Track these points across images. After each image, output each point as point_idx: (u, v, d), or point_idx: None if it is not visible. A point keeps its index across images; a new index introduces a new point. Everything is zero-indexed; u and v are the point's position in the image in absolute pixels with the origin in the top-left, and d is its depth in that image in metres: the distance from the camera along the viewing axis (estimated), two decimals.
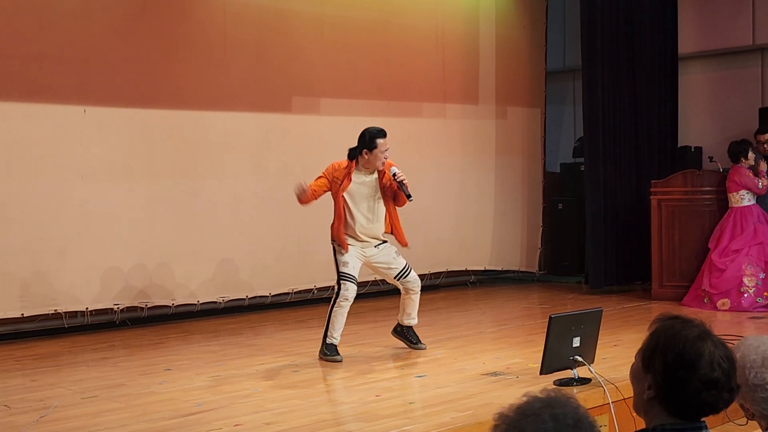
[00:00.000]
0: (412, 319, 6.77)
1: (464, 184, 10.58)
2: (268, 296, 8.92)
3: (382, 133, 6.40)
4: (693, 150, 10.65)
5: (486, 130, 10.78)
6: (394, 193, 6.51)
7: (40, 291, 7.52)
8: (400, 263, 6.61)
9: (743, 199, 8.73)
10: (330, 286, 9.04)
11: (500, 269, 11.02)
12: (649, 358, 2.28)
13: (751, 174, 8.69)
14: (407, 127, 9.88)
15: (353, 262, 6.47)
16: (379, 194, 6.53)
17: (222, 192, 8.58)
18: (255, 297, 8.84)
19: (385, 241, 6.62)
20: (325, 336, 6.45)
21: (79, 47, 7.70)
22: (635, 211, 10.01)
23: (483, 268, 10.87)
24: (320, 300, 9.17)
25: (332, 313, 6.43)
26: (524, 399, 1.87)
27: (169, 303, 8.27)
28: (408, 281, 6.63)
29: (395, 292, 9.77)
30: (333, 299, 6.47)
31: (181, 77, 8.31)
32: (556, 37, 11.64)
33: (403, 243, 6.63)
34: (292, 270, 9.05)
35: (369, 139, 6.37)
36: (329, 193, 6.59)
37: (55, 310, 7.61)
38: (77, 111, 7.70)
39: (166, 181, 8.24)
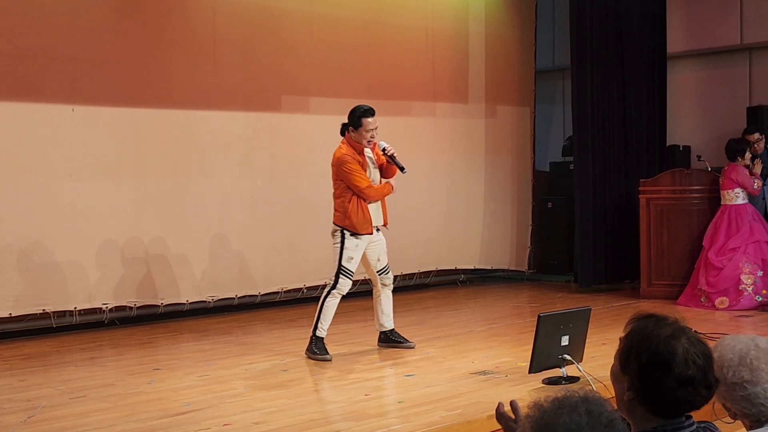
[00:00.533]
0: (390, 320, 6.79)
1: (454, 183, 10.59)
2: (257, 295, 8.91)
3: (369, 112, 6.47)
4: (681, 149, 10.68)
5: (476, 129, 10.79)
6: (382, 170, 6.66)
7: (28, 291, 7.49)
8: (386, 260, 6.73)
9: (738, 197, 8.75)
10: (320, 285, 9.07)
11: (490, 268, 11.04)
12: (625, 360, 2.29)
13: (747, 173, 8.71)
14: (397, 126, 9.87)
15: (357, 257, 6.50)
16: (376, 172, 6.63)
17: (211, 191, 8.56)
18: (244, 296, 8.82)
19: (378, 230, 6.67)
20: (315, 329, 6.47)
21: (67, 46, 7.68)
22: (624, 209, 10.04)
23: (473, 267, 10.89)
24: (310, 299, 9.17)
25: (325, 304, 6.47)
26: (562, 392, 1.90)
27: (158, 302, 8.25)
28: (388, 277, 6.76)
29: None
30: (328, 290, 6.50)
31: (170, 76, 8.29)
32: (545, 37, 11.66)
33: (385, 222, 6.69)
34: (281, 269, 9.04)
35: (356, 117, 6.46)
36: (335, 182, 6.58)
37: (44, 310, 7.58)
38: (66, 110, 7.67)
39: (155, 180, 8.22)
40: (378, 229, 6.65)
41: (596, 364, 5.74)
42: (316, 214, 9.18)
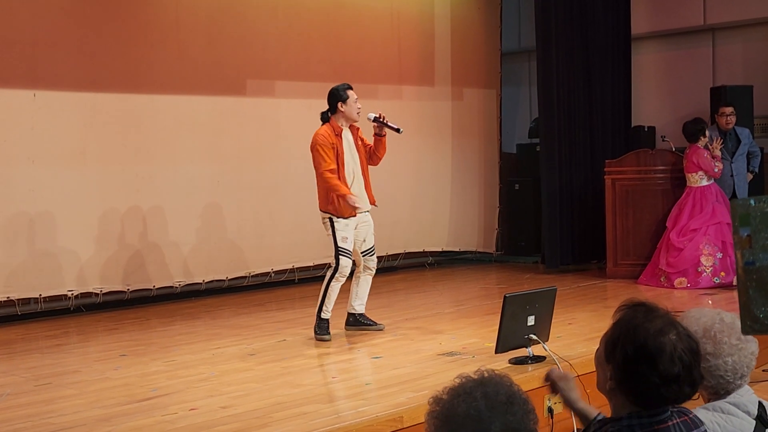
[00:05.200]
0: (362, 305, 6.79)
1: (421, 166, 10.59)
2: (224, 280, 8.88)
3: (350, 86, 6.55)
4: (646, 129, 10.76)
5: (442, 112, 10.79)
6: (370, 150, 6.64)
7: None
8: (372, 241, 6.72)
9: (702, 179, 8.81)
10: (286, 269, 9.08)
11: (458, 250, 11.08)
12: (611, 349, 2.28)
13: (709, 157, 8.76)
14: (363, 110, 9.84)
15: (350, 235, 6.50)
16: (357, 155, 6.57)
17: (176, 176, 8.50)
18: (212, 281, 8.79)
19: (367, 211, 6.66)
20: (320, 311, 6.50)
21: (27, 30, 7.56)
22: (590, 190, 10.11)
23: (440, 249, 10.92)
24: (277, 283, 9.17)
25: (329, 288, 6.48)
26: (457, 380, 1.89)
27: (124, 288, 8.19)
28: (371, 260, 6.75)
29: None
30: (331, 273, 6.49)
31: (133, 60, 8.20)
32: (511, 18, 11.68)
33: (371, 201, 6.68)
34: (248, 254, 9.01)
35: (341, 92, 6.48)
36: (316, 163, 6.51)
37: (8, 297, 7.51)
38: (27, 95, 7.57)
39: (120, 166, 8.14)
40: (368, 211, 6.64)
41: (562, 344, 5.79)
42: (282, 198, 9.16)
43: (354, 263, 6.63)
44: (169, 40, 8.43)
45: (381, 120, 6.59)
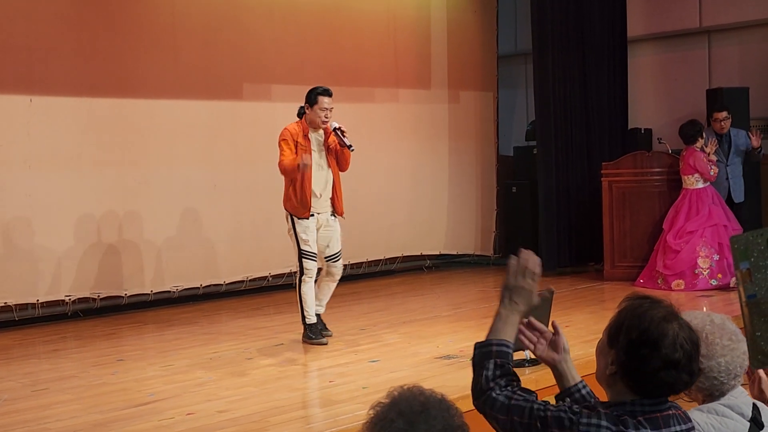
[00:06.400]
0: (321, 307, 6.75)
1: (418, 169, 10.59)
2: (222, 284, 8.87)
3: (327, 92, 6.51)
4: (643, 132, 10.76)
5: (439, 115, 10.80)
6: (336, 155, 6.57)
7: None
8: (338, 247, 6.68)
9: (698, 181, 8.81)
10: (285, 273, 9.06)
11: (455, 253, 11.07)
12: (614, 334, 2.32)
13: (705, 159, 8.76)
14: (360, 113, 9.86)
15: (311, 236, 6.49)
16: (325, 159, 6.55)
17: (173, 180, 8.50)
18: (209, 285, 8.78)
19: (334, 216, 6.64)
20: (303, 319, 6.52)
21: (22, 35, 7.56)
22: (587, 193, 10.11)
23: (438, 253, 10.91)
24: (275, 287, 9.17)
25: (301, 292, 6.48)
26: (371, 412, 1.89)
27: (121, 293, 8.19)
28: (335, 266, 6.70)
29: (353, 277, 9.80)
30: (298, 277, 6.51)
31: (129, 65, 8.20)
32: (507, 21, 11.69)
33: (339, 212, 6.66)
34: (246, 257, 9.01)
35: (313, 95, 6.50)
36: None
37: (5, 303, 7.50)
38: (23, 100, 7.57)
39: (116, 170, 8.14)
40: (335, 217, 6.61)
41: None
42: (279, 202, 9.13)
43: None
44: (165, 45, 8.43)
45: (339, 132, 6.53)
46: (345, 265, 9.72)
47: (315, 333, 6.50)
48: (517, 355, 5.40)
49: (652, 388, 2.27)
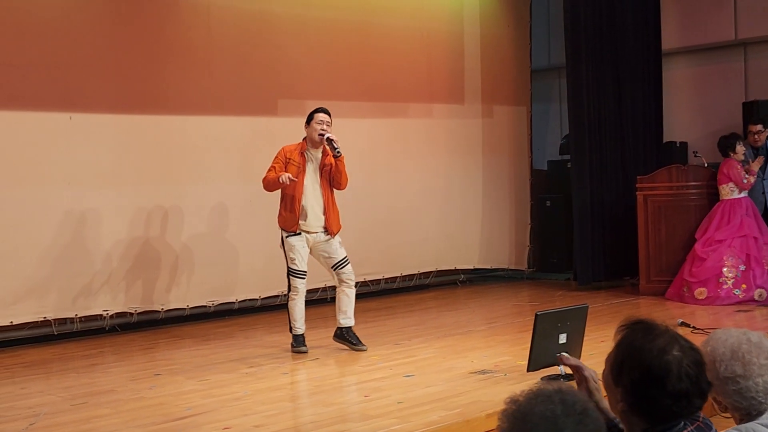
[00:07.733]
0: (348, 318, 6.89)
1: (451, 184, 10.61)
2: (257, 299, 8.93)
3: (322, 109, 6.79)
4: (678, 145, 10.70)
5: (472, 130, 10.81)
6: (330, 175, 6.75)
7: (28, 299, 7.52)
8: (340, 254, 6.83)
9: (733, 191, 8.76)
10: (318, 288, 9.10)
11: (489, 267, 11.06)
12: (617, 373, 2.29)
13: (740, 168, 8.71)
14: (393, 128, 9.91)
15: (299, 255, 6.77)
16: (319, 178, 6.74)
17: (209, 196, 8.58)
18: (245, 300, 8.85)
19: (328, 236, 6.83)
20: (290, 329, 6.90)
21: (62, 54, 7.70)
22: (622, 207, 10.05)
23: (472, 267, 10.91)
24: (309, 302, 9.16)
25: (289, 307, 6.89)
26: (536, 385, 1.95)
27: (158, 308, 8.27)
28: (343, 272, 6.85)
29: (387, 292, 9.82)
30: (287, 293, 6.95)
31: (165, 82, 8.32)
32: (540, 35, 11.69)
33: (332, 231, 6.80)
34: (281, 272, 8.99)
35: (310, 114, 6.78)
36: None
37: (45, 318, 7.61)
38: (63, 118, 7.70)
39: (154, 186, 8.24)
40: (327, 232, 6.76)
41: (594, 362, 5.71)
42: None
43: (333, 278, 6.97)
44: (201, 62, 8.53)
45: (329, 138, 6.65)
46: (379, 280, 9.85)
47: (298, 342, 6.85)
48: (552, 371, 5.42)
49: (667, 419, 2.24)
